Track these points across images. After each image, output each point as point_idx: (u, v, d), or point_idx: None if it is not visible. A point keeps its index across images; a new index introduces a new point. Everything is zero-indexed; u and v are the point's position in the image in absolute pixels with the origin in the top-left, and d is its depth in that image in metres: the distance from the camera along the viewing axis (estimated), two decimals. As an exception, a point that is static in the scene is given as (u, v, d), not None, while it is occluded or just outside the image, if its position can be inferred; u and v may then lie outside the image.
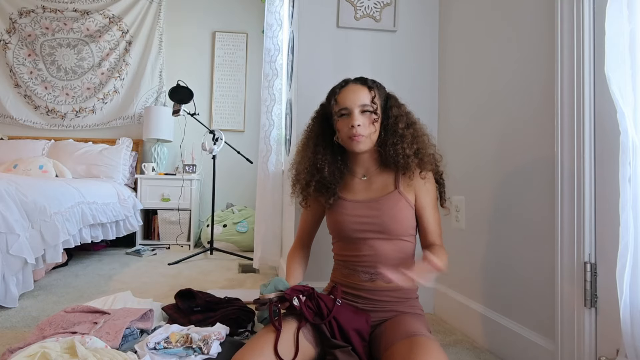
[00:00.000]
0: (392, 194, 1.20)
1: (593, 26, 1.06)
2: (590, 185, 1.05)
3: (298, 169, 1.31)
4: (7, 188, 1.85)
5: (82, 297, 1.95)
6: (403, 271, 0.91)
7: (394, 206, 1.18)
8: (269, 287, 1.11)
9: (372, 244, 1.19)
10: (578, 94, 1.07)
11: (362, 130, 1.16)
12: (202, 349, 1.16)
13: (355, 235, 1.21)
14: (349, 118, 1.18)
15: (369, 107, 1.17)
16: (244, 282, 2.36)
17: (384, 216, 1.18)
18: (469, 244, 1.64)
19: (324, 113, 1.29)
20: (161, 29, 4.04)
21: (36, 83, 3.88)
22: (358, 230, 1.20)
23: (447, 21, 1.90)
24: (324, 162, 1.24)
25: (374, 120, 1.18)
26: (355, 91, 1.19)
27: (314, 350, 1.06)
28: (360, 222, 1.20)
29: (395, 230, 1.18)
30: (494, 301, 1.46)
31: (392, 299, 1.18)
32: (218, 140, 3.17)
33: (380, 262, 1.17)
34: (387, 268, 0.96)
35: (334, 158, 1.26)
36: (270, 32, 2.57)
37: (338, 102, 1.20)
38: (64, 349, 1.04)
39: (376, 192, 1.22)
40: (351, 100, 1.17)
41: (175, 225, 3.61)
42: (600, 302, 1.03)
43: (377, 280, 1.18)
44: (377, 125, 1.20)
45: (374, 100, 1.18)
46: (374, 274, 1.18)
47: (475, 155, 1.61)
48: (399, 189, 1.21)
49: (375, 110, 1.18)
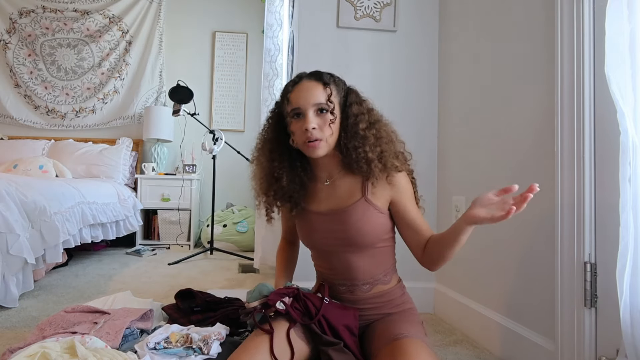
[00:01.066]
0: (358, 202, 1.09)
1: (593, 26, 1.06)
2: (590, 185, 1.05)
3: (255, 179, 1.19)
4: (7, 188, 1.85)
5: (82, 297, 1.95)
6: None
7: (361, 217, 1.08)
8: (254, 293, 1.07)
9: (344, 257, 1.11)
10: (578, 94, 1.07)
11: (318, 134, 1.04)
12: (202, 349, 1.16)
13: (325, 249, 1.14)
14: (302, 120, 1.05)
15: (324, 106, 1.05)
16: (244, 282, 2.36)
17: (350, 230, 1.08)
18: (468, 244, 1.63)
19: (279, 112, 1.16)
20: (161, 29, 4.04)
21: (36, 83, 3.88)
22: (327, 245, 1.13)
23: (446, 21, 1.90)
24: (282, 169, 1.12)
25: (330, 122, 1.05)
26: (308, 89, 1.06)
27: (307, 347, 1.04)
28: (327, 236, 1.12)
29: (363, 242, 1.09)
30: (494, 301, 1.46)
31: (373, 305, 1.13)
32: (218, 140, 3.17)
33: (351, 274, 1.11)
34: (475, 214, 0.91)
35: (292, 164, 1.14)
36: (270, 32, 2.57)
37: (290, 102, 1.07)
38: (64, 349, 1.04)
39: (341, 200, 1.11)
40: (304, 99, 1.05)
41: (175, 225, 3.61)
42: (600, 302, 1.03)
43: (355, 291, 1.12)
44: (335, 127, 1.07)
45: (331, 98, 1.05)
46: (351, 285, 1.12)
47: (475, 155, 1.61)
48: (366, 196, 1.09)
49: (332, 110, 1.05)
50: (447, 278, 1.79)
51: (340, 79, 1.14)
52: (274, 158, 1.14)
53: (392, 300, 1.15)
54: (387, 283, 1.15)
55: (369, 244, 1.10)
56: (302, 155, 1.14)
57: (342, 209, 1.10)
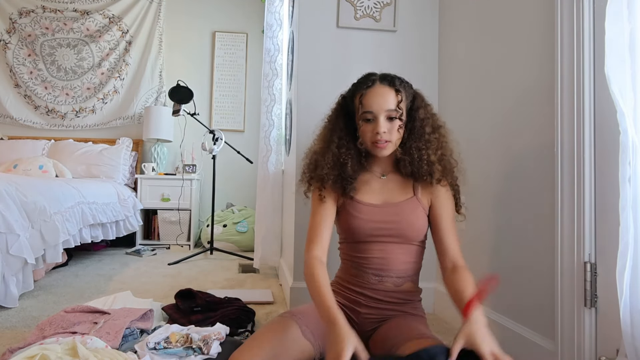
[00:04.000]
0: (411, 199, 1.16)
1: (593, 26, 1.06)
2: (590, 185, 1.05)
3: (318, 161, 1.22)
4: (7, 188, 1.85)
5: (82, 297, 1.95)
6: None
7: (412, 213, 1.15)
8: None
9: (384, 247, 1.16)
10: (578, 94, 1.07)
11: (387, 137, 1.11)
12: (202, 349, 1.17)
13: (370, 240, 1.17)
14: (373, 122, 1.12)
15: (394, 113, 1.11)
16: (244, 282, 2.36)
17: (402, 222, 1.14)
18: (469, 244, 1.64)
19: (346, 105, 1.22)
20: (161, 29, 4.03)
21: (36, 83, 3.88)
22: (373, 235, 1.17)
23: (446, 21, 1.90)
24: (348, 157, 1.17)
25: (399, 127, 1.12)
26: (382, 95, 1.11)
27: (312, 348, 1.06)
28: (377, 227, 1.16)
29: (410, 236, 1.15)
30: (494, 301, 1.46)
31: (397, 300, 1.17)
32: (218, 140, 3.17)
33: (390, 265, 1.15)
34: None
35: (358, 154, 1.19)
36: (270, 32, 2.57)
37: (363, 104, 1.12)
38: (65, 350, 1.04)
39: (393, 195, 1.18)
40: (378, 104, 1.11)
41: (175, 225, 3.61)
42: (600, 302, 1.03)
43: (385, 282, 1.16)
44: (402, 130, 1.14)
45: (400, 105, 1.11)
46: (384, 276, 1.15)
47: (475, 155, 1.61)
48: (417, 196, 1.17)
49: (401, 115, 1.12)
50: (447, 278, 1.79)
51: (408, 83, 1.19)
52: (342, 145, 1.18)
53: (413, 302, 1.19)
54: (415, 283, 1.20)
55: (414, 239, 1.16)
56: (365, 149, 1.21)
57: (395, 203, 1.17)
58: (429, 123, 1.16)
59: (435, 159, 1.13)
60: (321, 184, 1.20)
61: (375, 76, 1.16)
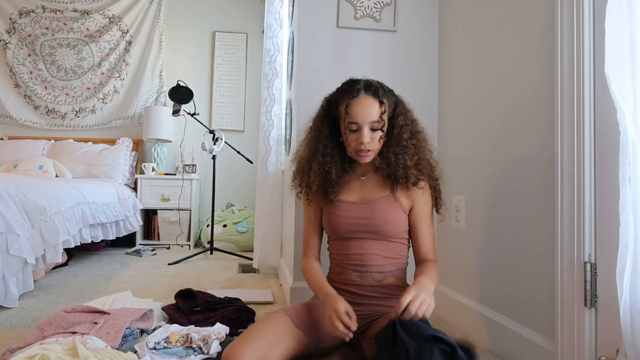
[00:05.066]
0: (387, 197, 1.22)
1: (593, 26, 1.06)
2: (590, 185, 1.05)
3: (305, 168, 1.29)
4: (7, 188, 1.85)
5: (82, 297, 1.95)
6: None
7: (387, 209, 1.20)
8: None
9: (362, 243, 1.22)
10: (578, 94, 1.07)
11: (370, 146, 1.18)
12: (202, 348, 1.17)
13: (348, 235, 1.23)
14: (358, 132, 1.17)
15: (377, 125, 1.16)
16: (244, 282, 2.36)
17: (376, 218, 1.20)
18: (469, 244, 1.64)
19: (330, 110, 1.26)
20: (161, 29, 4.03)
21: (36, 83, 3.88)
22: (351, 231, 1.23)
23: (447, 21, 1.90)
24: (332, 165, 1.23)
25: (380, 137, 1.18)
26: (367, 106, 1.16)
27: (305, 336, 1.12)
28: (353, 223, 1.22)
29: (386, 232, 1.20)
30: (494, 301, 1.46)
31: (381, 295, 1.21)
32: (218, 140, 3.17)
33: (368, 261, 1.20)
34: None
35: (342, 159, 1.25)
36: (270, 32, 2.57)
37: (349, 114, 1.17)
38: (65, 350, 1.04)
39: (371, 193, 1.24)
40: (363, 115, 1.16)
41: (175, 225, 3.61)
42: (600, 302, 1.03)
43: (366, 278, 1.21)
44: (382, 140, 1.20)
45: (382, 116, 1.17)
46: (364, 272, 1.21)
47: (475, 155, 1.61)
48: (395, 194, 1.22)
49: (383, 126, 1.17)
50: (447, 278, 1.79)
51: (391, 91, 1.24)
52: (326, 153, 1.24)
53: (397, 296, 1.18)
54: (399, 279, 1.24)
55: (390, 235, 1.21)
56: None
57: (371, 200, 1.23)
58: (408, 130, 1.21)
59: (412, 164, 1.18)
60: (308, 189, 1.28)
61: (359, 85, 1.19)
